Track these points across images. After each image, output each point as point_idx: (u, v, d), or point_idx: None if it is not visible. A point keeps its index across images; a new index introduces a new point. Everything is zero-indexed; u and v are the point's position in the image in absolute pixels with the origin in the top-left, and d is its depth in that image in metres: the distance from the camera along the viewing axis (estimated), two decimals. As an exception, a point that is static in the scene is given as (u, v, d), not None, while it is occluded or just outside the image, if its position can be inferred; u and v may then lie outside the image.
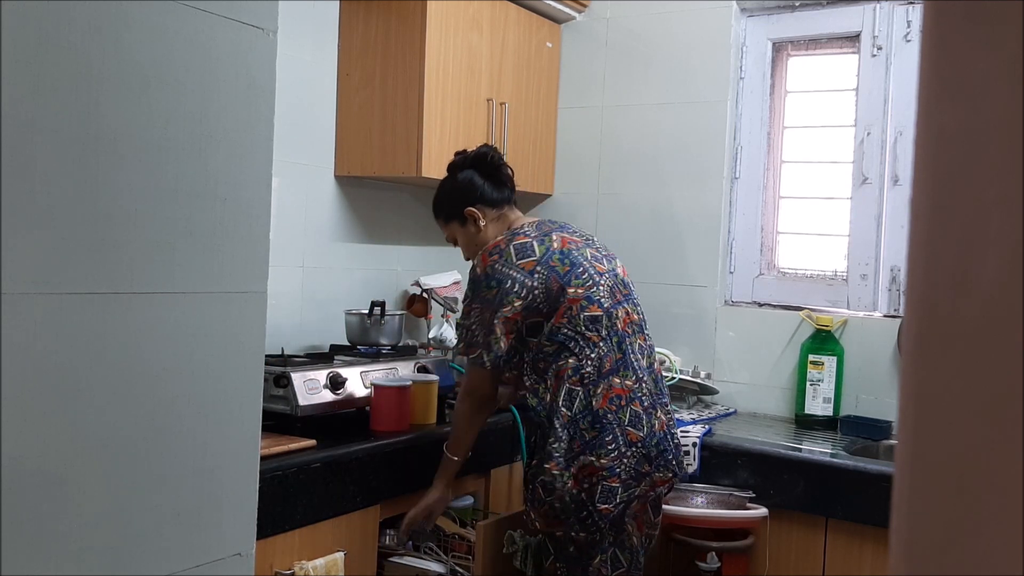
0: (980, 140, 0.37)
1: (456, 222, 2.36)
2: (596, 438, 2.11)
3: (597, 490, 2.10)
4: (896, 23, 2.93)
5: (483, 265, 2.23)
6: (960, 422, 0.37)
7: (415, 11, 2.78)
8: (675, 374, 3.04)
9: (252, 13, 1.41)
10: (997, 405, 0.36)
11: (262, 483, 1.51)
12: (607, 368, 2.15)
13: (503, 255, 2.21)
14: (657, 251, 3.25)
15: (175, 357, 1.33)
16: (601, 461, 2.10)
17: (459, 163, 2.37)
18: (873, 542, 2.38)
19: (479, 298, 2.22)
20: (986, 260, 0.36)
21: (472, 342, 2.23)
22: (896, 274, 2.93)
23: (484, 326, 2.20)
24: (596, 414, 2.12)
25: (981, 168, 0.37)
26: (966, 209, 0.37)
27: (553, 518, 2.14)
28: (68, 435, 1.20)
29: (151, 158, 1.28)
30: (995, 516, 0.35)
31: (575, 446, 2.12)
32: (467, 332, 2.24)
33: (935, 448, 0.38)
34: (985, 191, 0.36)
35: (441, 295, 3.10)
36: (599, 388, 2.14)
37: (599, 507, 2.10)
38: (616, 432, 2.12)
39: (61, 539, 1.20)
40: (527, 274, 2.18)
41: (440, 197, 2.40)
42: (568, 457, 2.11)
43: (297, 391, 2.34)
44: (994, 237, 0.36)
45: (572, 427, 2.12)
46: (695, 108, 3.19)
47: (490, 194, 2.34)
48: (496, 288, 2.19)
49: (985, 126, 0.37)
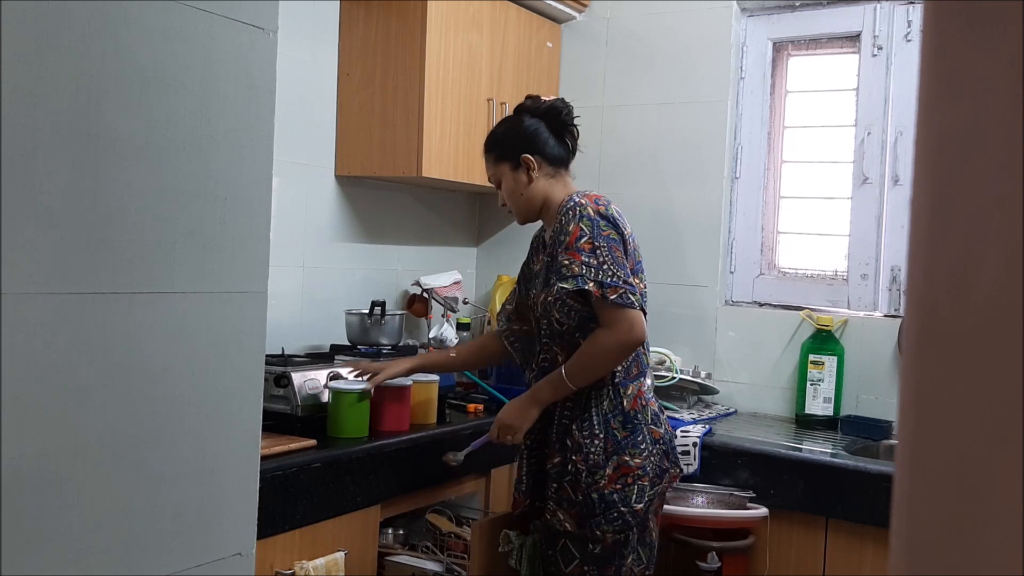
0: (980, 140, 0.37)
1: (508, 164, 2.21)
2: (628, 438, 2.10)
3: (633, 490, 2.08)
4: (896, 23, 2.93)
5: (593, 206, 2.08)
6: (960, 422, 0.37)
7: (415, 11, 2.78)
8: (675, 374, 3.04)
9: (252, 13, 1.41)
10: (997, 405, 0.36)
11: (262, 483, 1.51)
12: (635, 372, 2.15)
13: (609, 206, 2.12)
14: (657, 251, 3.24)
15: (175, 357, 1.33)
16: (635, 460, 2.08)
17: (529, 108, 2.24)
18: (873, 542, 2.38)
19: (601, 236, 2.05)
20: (986, 260, 0.36)
21: (611, 282, 2.00)
22: (896, 274, 2.93)
23: (619, 264, 2.03)
24: (627, 415, 2.11)
25: (981, 168, 0.37)
26: (966, 209, 0.37)
27: (585, 518, 2.08)
28: (68, 435, 1.20)
29: (151, 158, 1.28)
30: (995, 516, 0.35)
31: (609, 445, 2.08)
32: (596, 271, 2.01)
33: (935, 448, 0.38)
34: (985, 191, 0.36)
35: (441, 295, 3.10)
36: (629, 389, 2.13)
37: (634, 507, 2.08)
38: (644, 432, 2.11)
39: (61, 539, 1.20)
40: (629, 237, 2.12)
41: (499, 134, 2.26)
42: (603, 456, 2.08)
43: (298, 391, 2.35)
44: (994, 237, 0.36)
45: (605, 425, 2.10)
46: (695, 108, 3.19)
47: (552, 150, 2.21)
48: (614, 230, 2.07)
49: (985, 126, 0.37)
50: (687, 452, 2.61)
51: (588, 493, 2.06)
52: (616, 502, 2.06)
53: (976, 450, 0.37)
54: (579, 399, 2.12)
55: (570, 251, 2.05)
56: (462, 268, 3.38)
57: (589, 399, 2.11)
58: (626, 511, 2.07)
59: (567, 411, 2.13)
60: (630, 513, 2.07)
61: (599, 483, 2.06)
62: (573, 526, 2.09)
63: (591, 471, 2.07)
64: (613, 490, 2.06)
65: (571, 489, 2.09)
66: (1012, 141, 0.35)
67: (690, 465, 2.60)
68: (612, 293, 2.00)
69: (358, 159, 2.90)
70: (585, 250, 2.04)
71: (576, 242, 2.05)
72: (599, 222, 2.07)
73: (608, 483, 2.06)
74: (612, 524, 2.06)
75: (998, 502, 0.35)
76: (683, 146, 3.20)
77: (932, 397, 0.39)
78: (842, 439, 2.75)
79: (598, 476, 2.06)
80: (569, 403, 2.12)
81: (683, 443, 2.62)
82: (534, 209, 2.24)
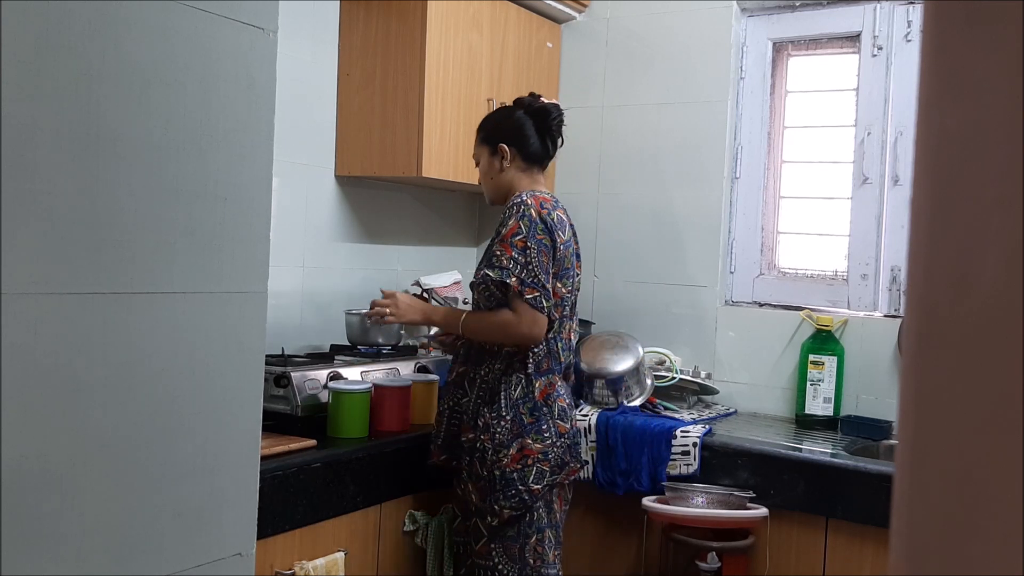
0: (980, 140, 0.37)
1: (487, 148, 2.40)
2: (533, 424, 2.28)
3: (532, 471, 2.25)
4: (896, 23, 2.93)
5: (537, 208, 2.26)
6: (960, 422, 0.37)
7: (415, 11, 2.78)
8: (675, 374, 3.04)
9: (252, 13, 1.41)
10: (997, 405, 0.36)
11: (262, 483, 1.51)
12: (545, 367, 2.32)
13: (552, 212, 2.30)
14: (657, 251, 3.24)
15: (175, 357, 1.33)
16: (537, 445, 2.27)
17: (525, 104, 2.42)
18: (873, 542, 2.38)
19: (533, 238, 2.23)
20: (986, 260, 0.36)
21: (531, 281, 2.21)
22: (896, 274, 2.93)
23: (542, 269, 2.23)
24: (536, 404, 2.29)
25: (981, 168, 0.37)
26: (966, 209, 0.37)
27: (488, 492, 2.24)
28: (68, 435, 1.20)
29: (151, 158, 1.28)
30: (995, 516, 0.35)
31: (515, 428, 2.25)
32: (523, 268, 2.20)
33: (935, 448, 0.38)
34: (985, 191, 0.36)
35: (441, 295, 3.10)
36: (539, 381, 2.30)
37: (531, 487, 2.25)
38: (550, 423, 2.30)
39: (61, 539, 1.20)
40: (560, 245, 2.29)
41: (489, 119, 2.47)
42: (509, 436, 2.24)
43: (298, 391, 2.35)
44: (994, 237, 0.36)
45: (514, 410, 2.27)
46: (695, 108, 3.19)
47: (532, 147, 2.39)
48: (547, 236, 2.25)
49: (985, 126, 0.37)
50: (687, 452, 2.61)
51: (491, 470, 2.24)
52: (515, 480, 2.23)
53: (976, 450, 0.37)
54: (492, 384, 2.29)
55: (504, 244, 2.23)
56: (462, 268, 3.38)
57: (500, 385, 2.28)
58: (523, 489, 2.23)
59: (481, 393, 2.30)
60: (527, 492, 2.24)
61: (501, 461, 2.23)
62: (478, 499, 2.26)
63: (496, 449, 2.24)
64: (514, 469, 2.23)
65: (479, 465, 2.26)
66: (1012, 141, 0.35)
67: (690, 465, 2.60)
68: (529, 293, 2.21)
69: (358, 159, 2.90)
70: (517, 247, 2.22)
71: (512, 237, 2.23)
72: (537, 224, 2.24)
73: (510, 462, 2.23)
74: (509, 501, 2.23)
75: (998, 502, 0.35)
76: (683, 146, 3.20)
77: (932, 397, 0.39)
78: (842, 439, 2.75)
79: (502, 455, 2.23)
80: (484, 386, 2.30)
81: (683, 443, 2.62)
82: (500, 194, 2.41)
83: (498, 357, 2.31)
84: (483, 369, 2.32)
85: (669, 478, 2.60)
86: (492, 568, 2.25)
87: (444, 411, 2.40)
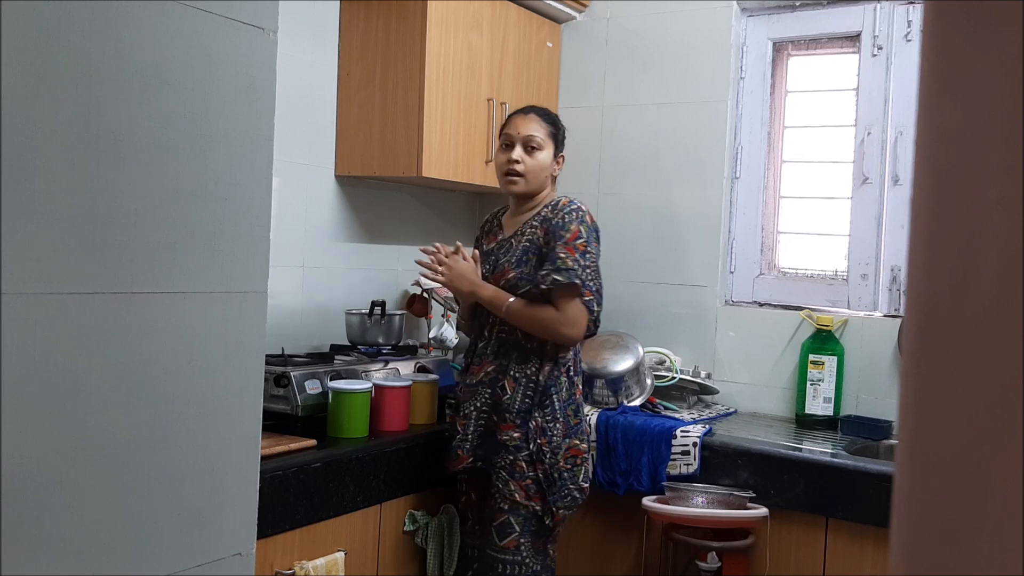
0: (980, 140, 0.37)
1: (554, 148, 2.43)
2: (577, 425, 2.36)
3: (581, 471, 2.34)
4: (896, 23, 2.93)
5: (590, 216, 2.36)
6: (960, 422, 0.37)
7: (415, 11, 2.78)
8: (675, 374, 3.04)
9: (252, 13, 1.41)
10: (997, 405, 0.36)
11: (262, 483, 1.51)
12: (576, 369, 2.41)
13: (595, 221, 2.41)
14: (657, 251, 3.24)
15: (175, 357, 1.33)
16: (583, 445, 2.36)
17: None
18: (873, 542, 2.38)
19: (591, 244, 2.33)
20: (986, 260, 0.36)
21: (589, 286, 2.29)
22: (896, 274, 2.93)
23: (598, 275, 2.34)
24: (577, 404, 2.38)
25: (981, 168, 0.37)
26: (966, 209, 0.37)
27: (534, 492, 2.28)
28: (68, 435, 1.20)
29: (151, 158, 1.28)
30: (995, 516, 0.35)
31: (565, 429, 2.32)
32: (584, 271, 2.28)
33: (935, 448, 0.38)
34: (985, 191, 0.36)
35: (441, 295, 3.10)
36: (577, 382, 2.39)
37: (582, 485, 2.33)
38: (584, 422, 2.40)
39: (61, 539, 1.20)
40: None
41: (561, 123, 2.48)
42: (561, 438, 2.31)
43: (298, 391, 2.34)
44: (994, 237, 0.36)
45: (563, 411, 2.33)
46: (695, 108, 3.19)
47: None
48: (598, 243, 2.37)
49: (985, 126, 0.37)
50: (687, 452, 2.61)
51: (549, 472, 2.29)
52: (566, 480, 2.31)
53: (976, 450, 0.36)
54: (540, 385, 2.32)
55: (568, 247, 2.28)
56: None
57: (549, 387, 2.32)
58: (574, 488, 2.32)
59: (529, 394, 2.31)
60: (578, 490, 2.32)
61: (558, 463, 2.30)
62: (522, 497, 2.29)
63: (553, 452, 2.30)
64: (565, 469, 2.31)
65: (526, 465, 2.29)
66: (1012, 141, 0.35)
67: (690, 465, 2.60)
68: (587, 295, 2.29)
69: (358, 159, 2.90)
70: (579, 250, 2.29)
71: (575, 241, 2.29)
72: (592, 232, 2.35)
73: (563, 464, 2.31)
74: (563, 500, 2.30)
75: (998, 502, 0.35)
76: (683, 146, 3.20)
77: (932, 397, 0.39)
78: (842, 439, 2.75)
79: (559, 456, 2.30)
80: (532, 386, 2.31)
81: (683, 443, 2.62)
82: (537, 193, 2.42)
83: (545, 357, 2.33)
84: (529, 368, 2.33)
85: (669, 478, 2.60)
86: (520, 563, 2.28)
87: (471, 412, 2.38)
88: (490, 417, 2.35)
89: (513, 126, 2.41)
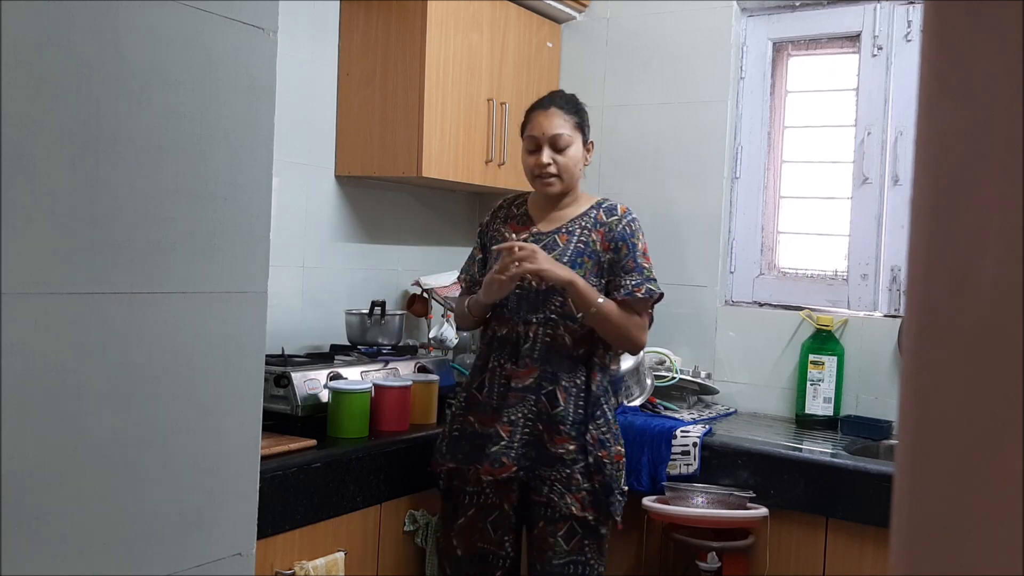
0: (980, 140, 0.37)
1: (583, 137, 2.32)
2: (619, 430, 2.34)
3: (622, 475, 2.31)
4: (896, 23, 2.93)
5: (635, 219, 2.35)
6: (960, 422, 0.37)
7: (415, 11, 2.78)
8: (675, 374, 3.04)
9: (252, 13, 1.41)
10: (997, 405, 0.36)
11: (262, 483, 1.51)
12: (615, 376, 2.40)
13: None
14: (657, 251, 3.22)
15: (175, 357, 1.33)
16: (624, 450, 2.33)
17: None
18: (873, 542, 2.38)
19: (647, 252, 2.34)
20: (986, 260, 0.36)
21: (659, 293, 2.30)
22: (896, 274, 2.93)
23: None
24: (615, 411, 2.36)
25: (981, 168, 0.37)
26: (966, 209, 0.37)
27: (588, 504, 2.24)
28: (68, 435, 1.20)
29: (151, 158, 1.28)
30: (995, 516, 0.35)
31: (614, 438, 2.29)
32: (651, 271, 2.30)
33: (935, 448, 0.38)
34: (985, 191, 0.36)
35: (441, 295, 3.10)
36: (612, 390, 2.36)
37: (623, 488, 2.31)
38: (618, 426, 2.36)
39: (61, 539, 1.20)
40: None
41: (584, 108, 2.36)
42: (614, 447, 2.28)
43: (297, 391, 2.34)
44: (994, 237, 0.36)
45: (614, 421, 2.32)
46: (695, 108, 3.19)
47: None
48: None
49: (985, 126, 0.37)
50: (687, 452, 2.61)
51: (608, 483, 2.24)
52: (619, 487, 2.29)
53: (976, 450, 0.37)
54: (592, 396, 2.26)
55: (646, 257, 2.31)
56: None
57: (599, 399, 2.27)
58: (622, 492, 2.30)
59: (580, 404, 2.26)
60: (621, 493, 2.29)
61: (615, 473, 2.27)
62: (579, 509, 2.23)
63: (613, 462, 2.26)
64: (618, 477, 2.28)
65: (582, 477, 2.23)
66: (1012, 141, 0.35)
67: (690, 465, 2.60)
68: (659, 301, 2.32)
69: (358, 159, 2.90)
70: (649, 261, 2.31)
71: (646, 251, 2.32)
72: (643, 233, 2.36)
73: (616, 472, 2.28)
74: (619, 508, 2.28)
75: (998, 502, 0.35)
76: (683, 146, 3.20)
77: (932, 397, 0.39)
78: (842, 439, 2.75)
79: (618, 466, 2.28)
80: (583, 396, 2.26)
81: (683, 443, 2.62)
82: (573, 187, 2.34)
83: (592, 365, 2.27)
84: (578, 377, 2.25)
85: (669, 478, 2.60)
86: (585, 563, 2.27)
87: (518, 420, 2.23)
88: (535, 426, 2.24)
89: (537, 126, 2.26)
